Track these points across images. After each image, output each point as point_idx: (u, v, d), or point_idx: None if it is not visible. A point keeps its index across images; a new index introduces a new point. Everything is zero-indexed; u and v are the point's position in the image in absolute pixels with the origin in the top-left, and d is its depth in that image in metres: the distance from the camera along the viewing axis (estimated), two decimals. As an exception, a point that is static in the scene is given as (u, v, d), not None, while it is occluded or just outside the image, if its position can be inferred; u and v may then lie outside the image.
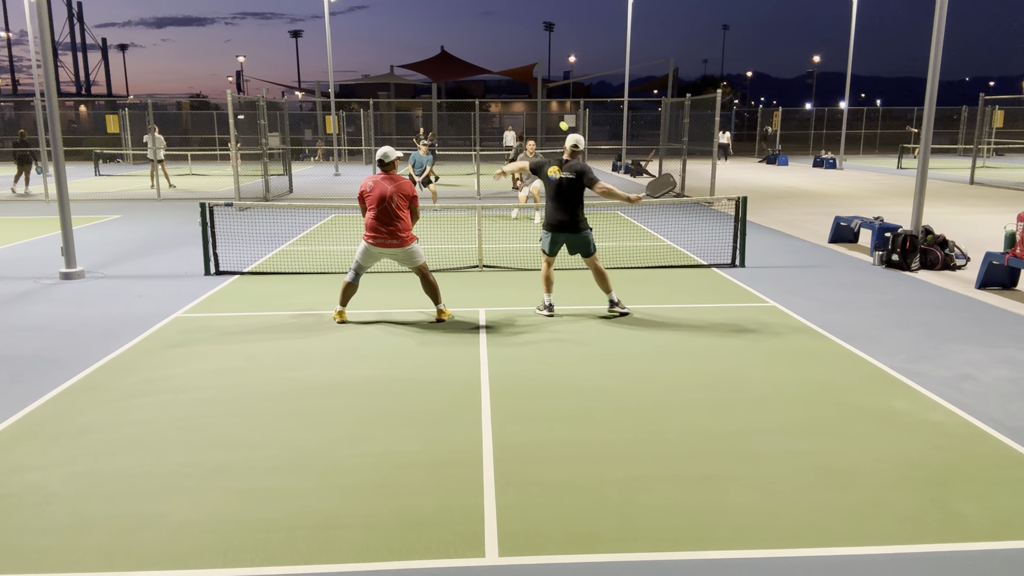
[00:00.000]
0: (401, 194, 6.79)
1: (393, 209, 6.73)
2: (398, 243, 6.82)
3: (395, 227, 6.76)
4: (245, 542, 3.37)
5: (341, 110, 34.31)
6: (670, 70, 46.77)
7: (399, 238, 6.81)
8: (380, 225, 6.77)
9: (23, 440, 4.46)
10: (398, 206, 6.75)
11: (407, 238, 6.87)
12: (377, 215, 6.75)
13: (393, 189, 6.76)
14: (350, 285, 6.98)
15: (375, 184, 6.79)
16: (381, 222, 6.76)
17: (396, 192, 6.76)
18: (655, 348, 6.19)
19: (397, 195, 6.76)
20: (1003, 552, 3.29)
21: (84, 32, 73.25)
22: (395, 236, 6.79)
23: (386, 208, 6.72)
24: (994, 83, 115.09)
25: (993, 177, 23.72)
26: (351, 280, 6.97)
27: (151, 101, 23.34)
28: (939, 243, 9.74)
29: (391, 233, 6.78)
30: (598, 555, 3.27)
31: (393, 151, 6.91)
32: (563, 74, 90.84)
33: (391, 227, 6.76)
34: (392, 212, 6.73)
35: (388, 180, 6.78)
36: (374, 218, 6.79)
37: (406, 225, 6.86)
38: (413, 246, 6.93)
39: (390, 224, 6.75)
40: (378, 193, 6.74)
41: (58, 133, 8.95)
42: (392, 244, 6.82)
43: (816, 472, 4.01)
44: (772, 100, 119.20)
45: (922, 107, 10.15)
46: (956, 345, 6.30)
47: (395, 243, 6.81)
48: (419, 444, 4.38)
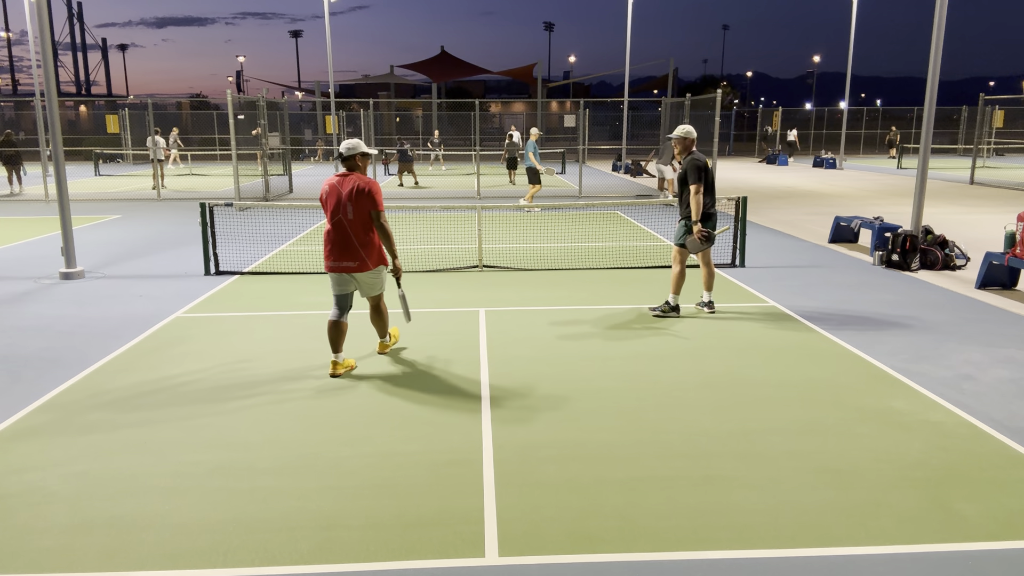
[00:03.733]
0: (361, 199, 5.31)
1: (347, 219, 5.33)
2: (355, 265, 5.38)
3: (352, 243, 5.36)
4: (245, 542, 3.37)
5: (341, 110, 34.32)
6: (670, 70, 46.78)
7: (357, 257, 5.38)
8: (334, 240, 5.40)
9: (23, 440, 4.46)
10: (355, 215, 5.32)
11: (372, 259, 5.43)
12: (333, 227, 5.40)
13: (351, 193, 5.32)
14: (333, 324, 5.53)
15: (330, 187, 5.40)
16: (335, 236, 5.39)
17: (356, 196, 5.31)
18: (655, 348, 6.19)
19: (356, 201, 5.31)
20: (1003, 552, 3.29)
21: (84, 32, 73.26)
22: (351, 255, 5.37)
23: (340, 220, 5.35)
24: (994, 83, 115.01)
25: (993, 177, 23.72)
26: (333, 317, 5.56)
27: (151, 101, 23.32)
28: (939, 243, 9.74)
29: (346, 251, 5.37)
30: (598, 555, 3.27)
31: (361, 144, 5.48)
32: (563, 74, 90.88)
33: (347, 243, 5.37)
34: (347, 223, 5.34)
35: (347, 181, 5.36)
36: (329, 231, 5.42)
37: (369, 240, 5.41)
38: (378, 272, 5.53)
39: (346, 239, 5.37)
40: (333, 198, 5.38)
41: (58, 133, 8.94)
42: (347, 267, 5.38)
43: (816, 472, 4.01)
44: (772, 100, 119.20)
45: (922, 107, 10.15)
46: (956, 345, 6.30)
47: (351, 264, 5.37)
48: (419, 444, 4.38)
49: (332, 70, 29.42)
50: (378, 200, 5.35)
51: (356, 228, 5.33)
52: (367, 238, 5.38)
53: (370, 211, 5.32)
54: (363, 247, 5.37)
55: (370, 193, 5.32)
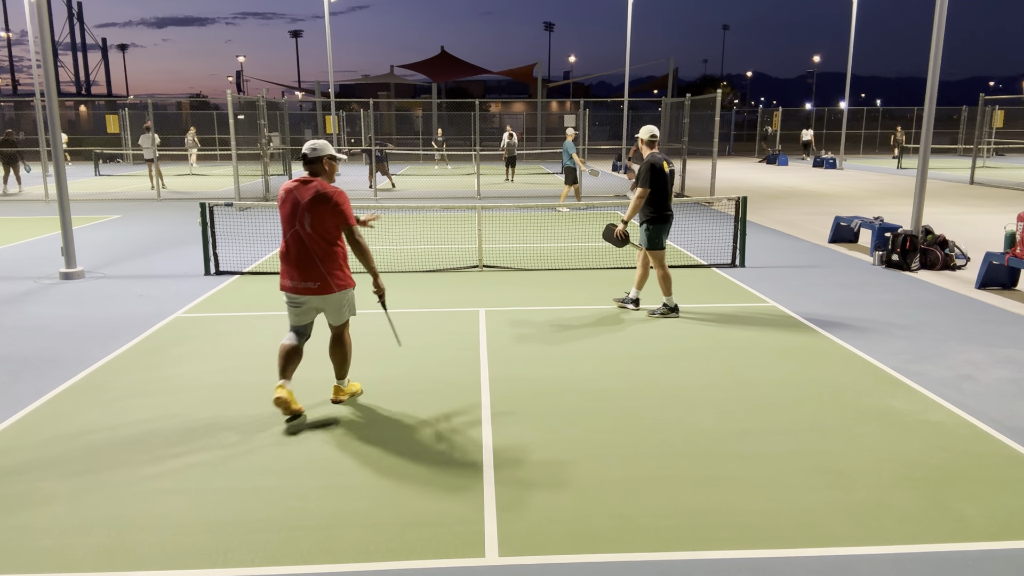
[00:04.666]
0: (324, 210, 4.49)
1: (305, 232, 4.52)
2: (317, 286, 4.58)
3: (311, 260, 4.55)
4: (245, 542, 3.37)
5: (341, 110, 34.33)
6: (670, 70, 46.77)
7: (318, 277, 4.57)
8: (290, 256, 4.61)
9: (23, 440, 4.46)
10: (314, 227, 4.50)
11: (337, 280, 4.64)
12: (288, 240, 4.60)
13: (311, 201, 4.49)
14: (287, 348, 4.70)
15: (287, 193, 4.59)
16: (292, 251, 4.59)
17: (316, 206, 4.49)
18: (655, 348, 6.19)
19: (316, 211, 4.48)
20: (1003, 552, 3.29)
21: (84, 32, 73.28)
22: (312, 274, 4.56)
23: (297, 233, 4.55)
24: (994, 83, 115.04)
25: (993, 177, 23.72)
26: (288, 341, 4.74)
27: (151, 101, 23.33)
28: (939, 243, 9.74)
29: (306, 269, 4.56)
30: (598, 555, 3.27)
31: (329, 145, 4.69)
32: (563, 74, 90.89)
33: (306, 260, 4.55)
34: (304, 236, 4.53)
35: (308, 188, 4.53)
36: (285, 245, 4.63)
37: (332, 257, 4.60)
38: (346, 295, 4.73)
39: (304, 255, 4.55)
40: (288, 206, 4.58)
41: (58, 133, 8.95)
42: (307, 288, 4.58)
43: (816, 472, 4.01)
44: (772, 100, 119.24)
45: (922, 107, 10.15)
46: (956, 345, 6.30)
47: (311, 286, 4.57)
48: (419, 444, 4.38)
49: (332, 70, 29.43)
50: (347, 212, 4.55)
51: (316, 242, 4.53)
52: (330, 255, 4.59)
53: (338, 225, 4.57)
54: (325, 264, 4.57)
55: (335, 204, 4.50)
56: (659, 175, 6.91)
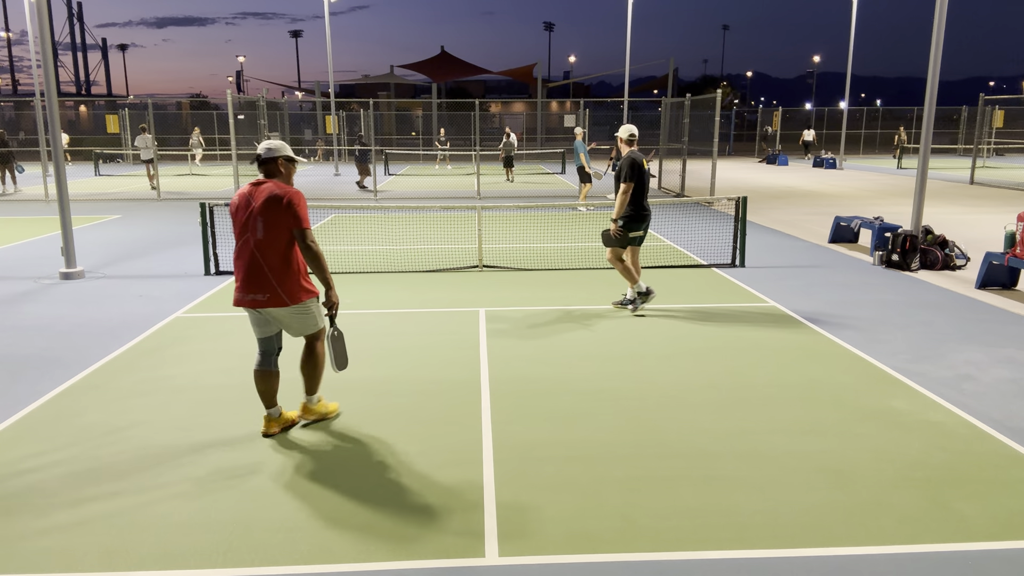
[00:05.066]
0: (276, 213, 4.17)
1: (256, 239, 4.20)
2: (266, 298, 4.24)
3: (261, 270, 4.22)
4: (245, 542, 3.37)
5: (341, 110, 34.32)
6: (670, 70, 46.78)
7: (268, 288, 4.23)
8: (241, 267, 4.29)
9: (23, 440, 4.46)
10: (266, 233, 4.18)
11: (290, 291, 4.28)
12: (239, 248, 4.30)
13: (264, 205, 4.18)
14: (259, 375, 4.49)
15: (240, 198, 4.30)
16: (242, 260, 4.29)
17: (269, 210, 4.17)
18: (655, 348, 6.19)
19: (268, 215, 4.17)
20: (1003, 552, 3.29)
21: (84, 32, 73.30)
22: (262, 285, 4.23)
23: (248, 240, 4.24)
24: (994, 83, 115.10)
25: (993, 177, 23.72)
26: (258, 366, 4.51)
27: (151, 101, 23.33)
28: (939, 243, 9.74)
29: (255, 280, 4.24)
30: (598, 555, 3.27)
31: (287, 146, 4.38)
32: (563, 74, 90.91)
33: (256, 269, 4.23)
34: (255, 244, 4.21)
35: (261, 191, 4.23)
36: (236, 255, 4.33)
37: (285, 266, 4.26)
38: (304, 307, 4.36)
39: (254, 265, 4.24)
40: (242, 213, 4.27)
41: (58, 133, 8.95)
42: (256, 300, 4.25)
43: (816, 472, 4.01)
44: (772, 100, 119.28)
45: (922, 107, 10.15)
46: (956, 345, 6.30)
47: (260, 298, 4.24)
48: (419, 444, 4.38)
49: (332, 70, 29.43)
50: (301, 214, 4.20)
51: (267, 250, 4.19)
52: (283, 263, 4.24)
53: (291, 229, 4.20)
54: (276, 275, 4.22)
55: (289, 205, 4.17)
56: (641, 171, 7.03)
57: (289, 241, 4.24)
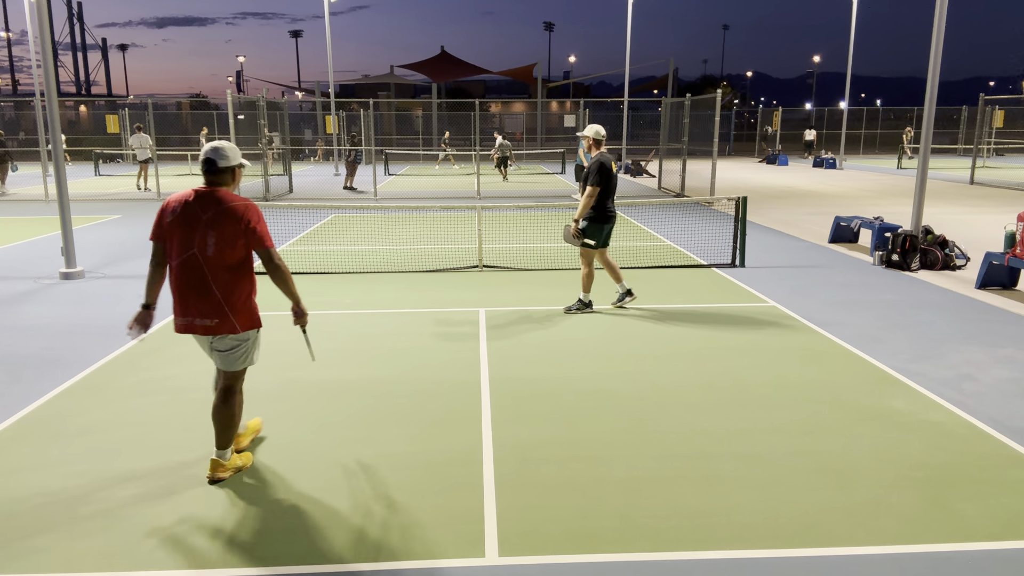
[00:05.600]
0: (231, 229, 3.68)
1: (206, 256, 3.69)
2: (215, 323, 3.74)
3: (210, 291, 3.72)
4: (245, 542, 3.37)
5: (341, 110, 34.33)
6: (670, 70, 46.79)
7: (218, 312, 3.73)
8: (183, 285, 3.75)
9: (23, 440, 4.46)
10: (217, 250, 3.68)
11: (240, 316, 3.79)
12: (180, 266, 3.74)
13: (215, 218, 3.68)
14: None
15: (181, 207, 3.73)
16: (185, 279, 3.74)
17: (222, 224, 3.68)
18: (655, 348, 6.19)
19: (221, 230, 3.68)
20: (1003, 552, 3.29)
21: (84, 32, 73.32)
22: (210, 308, 3.73)
23: (194, 257, 3.69)
24: (994, 83, 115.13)
25: (993, 177, 23.72)
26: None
27: (151, 101, 23.34)
28: (939, 243, 9.74)
29: (202, 301, 3.73)
30: (598, 555, 3.27)
31: (236, 151, 3.86)
32: (563, 74, 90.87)
33: (203, 290, 3.71)
34: (204, 261, 3.69)
35: (208, 201, 3.71)
36: (174, 273, 3.77)
37: (236, 288, 3.77)
38: (245, 338, 3.86)
39: (201, 284, 3.71)
40: (182, 225, 3.71)
41: (58, 133, 8.95)
42: (204, 327, 3.75)
43: (816, 472, 4.01)
44: (772, 100, 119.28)
45: (922, 107, 10.15)
46: (956, 345, 6.30)
47: (209, 324, 3.74)
48: (419, 444, 4.38)
49: (332, 70, 29.43)
50: (263, 233, 3.76)
51: (218, 269, 3.70)
52: (234, 284, 3.76)
53: (251, 248, 3.78)
54: (227, 297, 3.74)
55: (248, 223, 3.70)
56: (608, 174, 7.03)
57: (242, 259, 3.78)
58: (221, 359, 3.90)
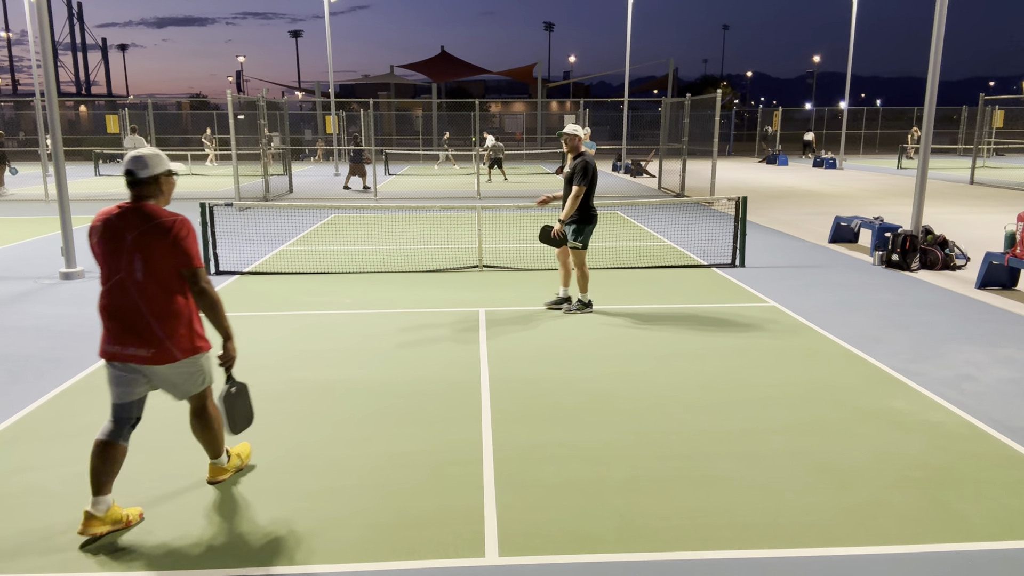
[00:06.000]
0: (159, 248, 3.32)
1: (134, 281, 3.32)
2: (150, 354, 3.35)
3: (141, 317, 3.34)
4: (244, 542, 3.37)
5: (341, 110, 34.33)
6: (670, 70, 46.77)
7: (152, 341, 3.35)
8: (111, 311, 3.38)
9: (23, 440, 4.46)
10: (147, 273, 3.32)
11: (180, 343, 3.40)
12: (109, 291, 3.38)
13: (141, 238, 3.33)
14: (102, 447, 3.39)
15: (104, 225, 3.41)
16: (113, 304, 3.37)
17: (149, 244, 3.32)
18: (655, 348, 6.19)
19: (148, 251, 3.32)
20: (1003, 552, 3.29)
21: (84, 32, 73.32)
22: (142, 337, 3.34)
23: (122, 281, 3.34)
24: (994, 83, 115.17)
25: (993, 177, 23.72)
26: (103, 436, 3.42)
27: (151, 101, 23.34)
28: (939, 243, 9.74)
29: (133, 329, 3.34)
30: (598, 555, 3.27)
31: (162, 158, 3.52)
32: (563, 74, 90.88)
33: (133, 317, 3.34)
34: (132, 286, 3.33)
35: (133, 218, 3.38)
36: (105, 297, 3.40)
37: (171, 312, 3.38)
38: (194, 363, 3.51)
39: (131, 311, 3.34)
40: (106, 244, 3.39)
41: (58, 133, 8.95)
42: (135, 356, 3.34)
43: (816, 472, 4.01)
44: (772, 100, 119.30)
45: (922, 107, 10.15)
46: (956, 345, 6.30)
47: (142, 353, 3.34)
48: (419, 444, 4.38)
49: (332, 70, 29.42)
50: (191, 250, 3.37)
51: (149, 293, 3.33)
52: (171, 309, 3.37)
53: (178, 269, 3.38)
54: (164, 324, 3.35)
55: (175, 238, 3.33)
56: (595, 174, 7.04)
57: (178, 281, 3.40)
58: (174, 388, 3.54)
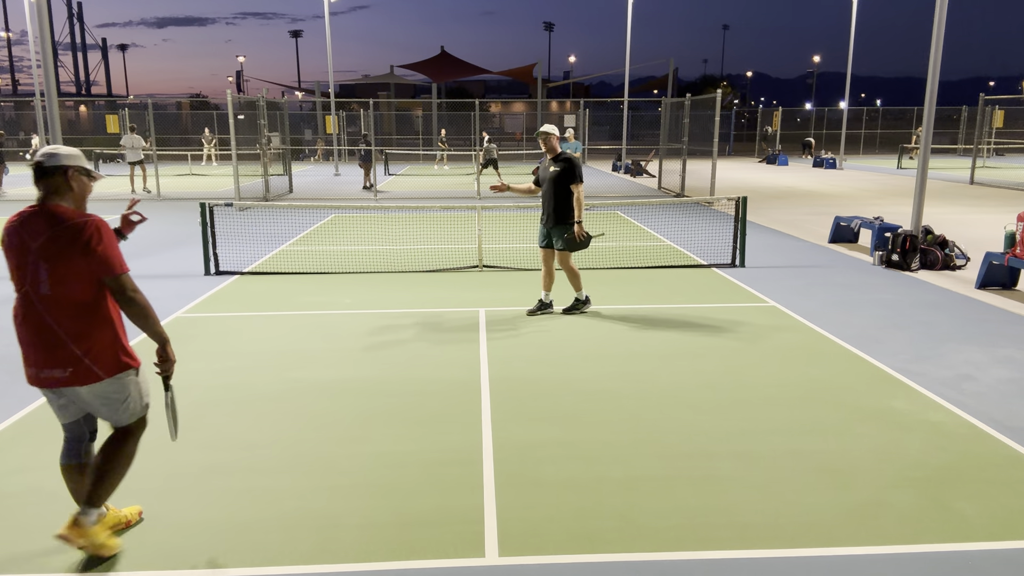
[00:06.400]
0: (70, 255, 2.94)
1: (39, 295, 2.96)
2: (67, 374, 3.01)
3: (54, 335, 2.99)
4: (243, 542, 3.37)
5: (341, 110, 34.34)
6: (670, 70, 46.79)
7: (69, 360, 3.00)
8: (24, 331, 3.04)
9: (23, 440, 4.46)
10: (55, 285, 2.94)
11: (101, 361, 3.05)
12: (18, 307, 3.04)
13: (49, 241, 2.93)
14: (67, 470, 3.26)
15: (11, 230, 2.99)
16: (25, 323, 3.03)
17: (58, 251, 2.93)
18: (655, 348, 6.19)
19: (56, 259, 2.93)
20: (1003, 552, 3.28)
21: (84, 32, 73.33)
22: (58, 356, 3.00)
23: (27, 296, 2.99)
24: (994, 83, 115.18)
25: (993, 177, 23.72)
26: (64, 460, 3.27)
27: (151, 101, 23.32)
28: (939, 243, 9.74)
29: (48, 348, 3.00)
30: (598, 555, 3.27)
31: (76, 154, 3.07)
32: (563, 74, 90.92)
33: (46, 335, 2.99)
34: (38, 300, 2.97)
35: (39, 223, 2.95)
36: (18, 315, 3.05)
37: (87, 328, 3.01)
38: (119, 383, 3.12)
39: (43, 329, 2.99)
40: (15, 254, 2.99)
41: (58, 133, 8.95)
42: (54, 379, 3.03)
43: (816, 472, 4.01)
44: (772, 100, 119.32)
45: (922, 107, 10.15)
46: (956, 345, 6.30)
47: (59, 374, 3.01)
48: (419, 444, 4.38)
49: (332, 70, 29.43)
50: (111, 256, 3.02)
51: (60, 309, 2.96)
52: (87, 325, 3.01)
53: (98, 278, 3.00)
54: (79, 341, 2.99)
55: (88, 245, 2.94)
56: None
57: (95, 292, 3.00)
58: (101, 411, 3.17)
